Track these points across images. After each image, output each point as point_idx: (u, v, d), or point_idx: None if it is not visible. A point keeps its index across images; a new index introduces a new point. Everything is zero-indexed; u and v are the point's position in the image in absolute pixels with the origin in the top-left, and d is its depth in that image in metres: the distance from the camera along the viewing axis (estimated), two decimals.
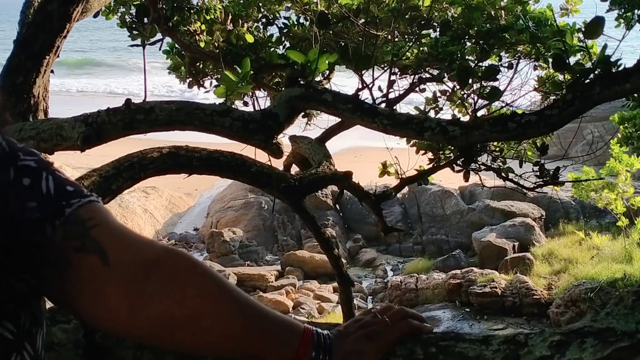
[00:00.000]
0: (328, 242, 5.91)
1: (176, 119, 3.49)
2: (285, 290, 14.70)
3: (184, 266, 1.08)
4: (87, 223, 1.04)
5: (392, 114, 3.63)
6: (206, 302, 1.06)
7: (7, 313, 0.98)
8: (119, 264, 1.03)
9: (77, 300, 1.05)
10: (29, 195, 1.02)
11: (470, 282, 13.98)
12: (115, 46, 53.17)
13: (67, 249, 1.02)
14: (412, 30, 5.84)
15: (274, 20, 6.94)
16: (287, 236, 17.70)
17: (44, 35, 4.19)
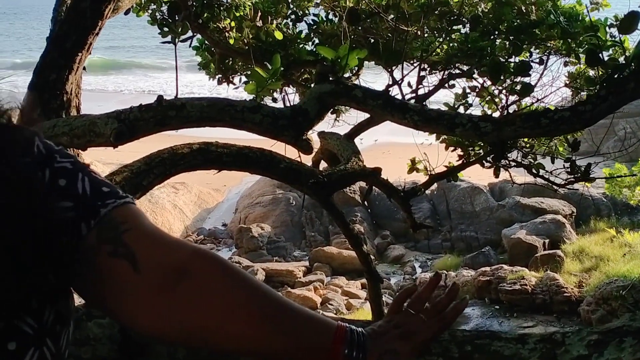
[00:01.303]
0: (357, 239, 5.91)
1: (207, 116, 3.51)
2: (313, 286, 14.71)
3: (212, 271, 1.09)
4: (120, 227, 1.06)
5: (423, 110, 3.61)
6: (235, 307, 1.07)
7: (29, 308, 0.99)
8: (149, 271, 1.05)
9: (108, 301, 1.07)
10: (64, 195, 1.05)
11: (500, 279, 13.87)
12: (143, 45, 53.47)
13: (100, 252, 1.04)
14: (441, 25, 5.80)
15: (303, 16, 6.93)
16: (315, 232, 17.71)
17: (76, 32, 4.23)
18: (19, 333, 0.98)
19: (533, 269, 14.49)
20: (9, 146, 1.02)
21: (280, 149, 4.55)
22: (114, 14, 4.75)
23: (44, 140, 1.09)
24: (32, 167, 1.04)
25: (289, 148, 4.16)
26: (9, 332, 0.97)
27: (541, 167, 5.86)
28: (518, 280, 13.67)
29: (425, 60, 5.38)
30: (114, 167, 5.18)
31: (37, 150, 1.06)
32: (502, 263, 14.94)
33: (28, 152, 1.05)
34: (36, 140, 1.08)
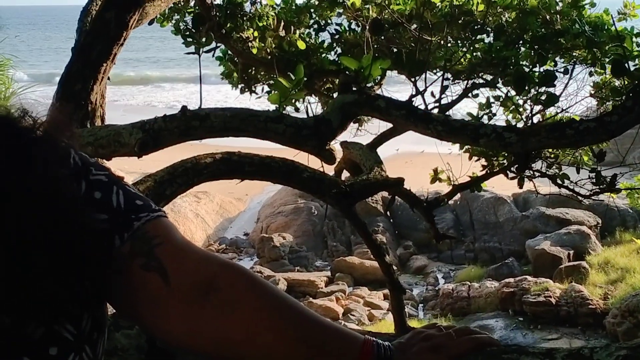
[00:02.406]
0: (379, 249, 5.89)
1: (231, 126, 3.52)
2: (335, 297, 14.67)
3: (240, 283, 1.10)
4: (152, 241, 1.08)
5: (447, 120, 3.59)
6: (263, 321, 1.08)
7: (69, 315, 1.02)
8: (179, 285, 1.07)
9: (138, 313, 1.09)
10: (99, 207, 1.07)
11: (524, 290, 13.75)
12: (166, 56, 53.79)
13: (133, 264, 1.06)
14: (465, 35, 5.79)
15: (325, 26, 6.94)
16: (337, 242, 17.68)
17: (101, 42, 4.27)
18: (60, 339, 1.00)
19: (557, 280, 14.35)
20: (46, 159, 1.04)
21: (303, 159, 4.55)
22: (138, 24, 4.78)
23: (79, 153, 1.12)
24: (69, 179, 1.06)
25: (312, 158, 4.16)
26: (50, 337, 0.99)
27: (566, 177, 5.81)
28: (542, 291, 13.54)
29: (448, 69, 5.36)
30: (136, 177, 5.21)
31: (73, 163, 1.09)
32: (526, 274, 14.80)
33: (64, 164, 1.08)
34: (72, 153, 1.10)
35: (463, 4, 5.53)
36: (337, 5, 6.51)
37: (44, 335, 0.98)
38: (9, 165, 1.00)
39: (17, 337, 0.96)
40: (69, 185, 1.05)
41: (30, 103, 1.13)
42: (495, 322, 13.37)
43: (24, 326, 0.97)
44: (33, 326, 0.97)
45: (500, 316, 13.65)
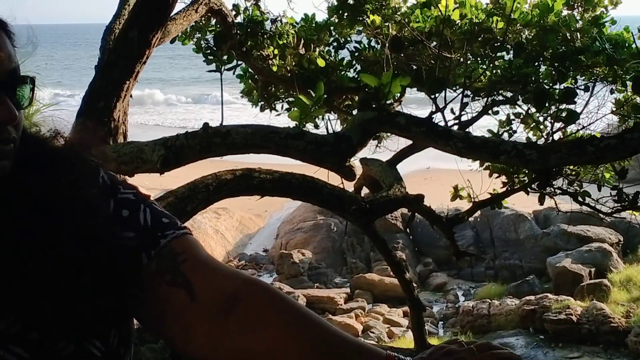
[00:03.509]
0: (399, 266, 5.88)
1: (252, 142, 3.55)
2: (355, 314, 14.61)
3: (263, 299, 1.11)
4: (178, 257, 1.11)
5: (467, 137, 3.60)
6: (286, 336, 1.09)
7: (97, 331, 1.04)
8: (204, 301, 1.09)
9: (164, 327, 1.11)
10: (127, 225, 1.11)
11: (545, 308, 13.61)
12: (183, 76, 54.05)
13: (159, 280, 1.09)
14: (485, 52, 5.80)
15: (345, 44, 6.99)
16: (357, 259, 17.62)
17: (124, 61, 4.32)
18: (88, 355, 1.03)
19: (579, 298, 14.20)
20: (76, 178, 1.07)
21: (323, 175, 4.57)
22: (160, 42, 4.84)
23: (108, 172, 1.16)
24: (99, 198, 1.09)
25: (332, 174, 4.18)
26: (79, 354, 1.02)
27: (587, 194, 5.78)
28: (563, 309, 13.40)
29: (468, 87, 5.36)
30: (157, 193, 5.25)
31: (102, 181, 1.13)
32: (546, 292, 14.66)
33: (94, 183, 1.11)
34: (101, 172, 1.14)
35: (483, 21, 5.55)
36: (357, 23, 6.55)
37: (73, 351, 1.01)
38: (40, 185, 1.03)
39: (47, 353, 0.98)
40: (98, 204, 1.08)
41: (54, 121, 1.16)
42: (516, 340, 13.24)
43: (54, 343, 0.99)
44: (63, 343, 1.00)
45: (521, 334, 13.52)
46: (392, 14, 6.31)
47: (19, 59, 1.04)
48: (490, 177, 6.09)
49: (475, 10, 5.59)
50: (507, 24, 5.27)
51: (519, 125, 6.03)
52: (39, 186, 1.03)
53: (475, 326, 14.02)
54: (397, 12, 6.36)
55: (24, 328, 0.97)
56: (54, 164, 1.07)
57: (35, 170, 1.05)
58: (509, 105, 6.08)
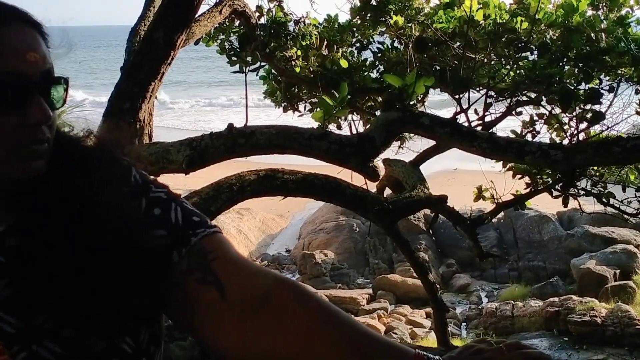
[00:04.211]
0: (422, 267, 5.87)
1: (276, 143, 3.57)
2: (377, 314, 14.59)
3: (293, 298, 1.12)
4: (209, 255, 1.12)
5: (491, 138, 3.59)
6: (316, 334, 1.09)
7: (128, 329, 1.06)
8: (235, 299, 1.10)
9: (194, 325, 1.12)
10: (159, 224, 1.12)
11: (569, 310, 13.49)
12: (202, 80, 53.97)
13: (190, 278, 1.10)
14: (509, 53, 5.77)
15: (368, 44, 6.99)
16: (379, 259, 17.59)
17: (149, 62, 4.35)
18: (120, 352, 1.05)
19: (603, 300, 14.07)
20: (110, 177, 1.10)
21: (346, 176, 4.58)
22: (185, 44, 4.88)
23: (140, 171, 1.17)
24: (131, 197, 1.11)
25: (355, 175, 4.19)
26: (111, 351, 1.03)
27: (611, 196, 5.73)
28: (588, 311, 13.28)
29: (492, 87, 5.35)
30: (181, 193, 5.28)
31: (134, 180, 1.15)
32: (571, 293, 14.54)
33: (126, 182, 1.13)
34: (133, 171, 1.16)
35: (507, 21, 5.53)
36: (380, 24, 6.55)
37: (105, 348, 1.02)
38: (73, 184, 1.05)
39: (79, 350, 1.00)
40: (130, 203, 1.10)
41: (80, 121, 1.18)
42: (540, 341, 13.14)
43: (86, 340, 1.01)
44: (94, 340, 1.01)
45: (545, 336, 13.43)
46: (415, 14, 6.31)
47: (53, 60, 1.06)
48: (513, 178, 6.06)
49: (498, 10, 5.57)
50: (532, 25, 5.25)
51: (542, 126, 6.00)
52: (73, 185, 1.05)
53: (499, 327, 13.94)
54: (420, 13, 6.36)
55: (57, 325, 0.99)
56: (86, 164, 1.09)
57: (69, 169, 1.07)
58: (533, 106, 6.05)
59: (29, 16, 1.04)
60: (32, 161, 1.01)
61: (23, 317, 0.99)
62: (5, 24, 0.99)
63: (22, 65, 0.98)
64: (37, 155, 1.02)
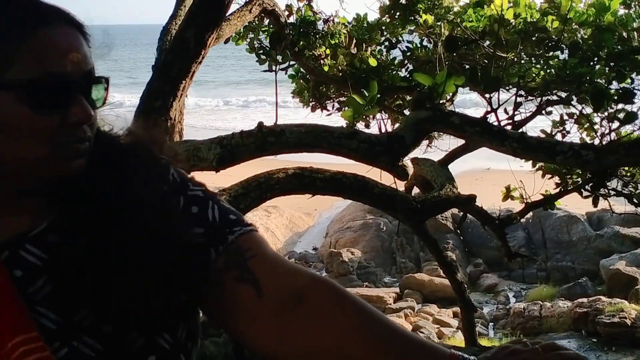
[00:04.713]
0: (450, 266, 5.87)
1: (305, 142, 3.59)
2: (404, 313, 14.55)
3: (328, 298, 1.12)
4: (245, 254, 1.13)
5: (522, 137, 3.58)
6: (352, 334, 1.09)
7: (166, 325, 1.08)
8: (271, 297, 1.11)
9: (230, 322, 1.14)
10: (196, 222, 1.13)
11: (598, 311, 13.35)
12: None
13: (227, 276, 1.11)
14: (539, 52, 5.74)
15: (397, 43, 6.99)
16: (406, 258, 17.56)
17: (181, 61, 4.39)
18: (158, 348, 1.06)
19: (633, 301, 13.90)
20: (149, 175, 1.11)
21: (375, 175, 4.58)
22: (215, 43, 4.91)
23: (177, 169, 1.18)
24: (169, 195, 1.13)
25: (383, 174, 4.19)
26: (149, 347, 1.05)
27: None
28: (617, 312, 13.14)
29: (522, 86, 5.32)
30: None
31: (172, 179, 1.16)
32: (600, 294, 14.39)
33: (165, 180, 1.14)
34: (171, 169, 1.17)
35: (537, 20, 5.49)
36: (409, 23, 6.55)
37: (144, 344, 1.04)
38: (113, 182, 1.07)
39: (119, 346, 1.02)
40: (169, 201, 1.12)
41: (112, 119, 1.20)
42: (568, 342, 13.02)
43: (126, 336, 1.03)
44: (134, 336, 1.03)
45: (573, 337, 13.30)
46: (444, 13, 6.29)
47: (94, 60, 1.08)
48: (543, 178, 6.02)
49: (529, 9, 5.54)
50: (564, 24, 5.20)
51: (572, 126, 5.95)
52: (112, 183, 1.07)
53: (526, 328, 13.84)
54: (449, 12, 6.34)
55: (97, 321, 1.01)
56: (126, 162, 1.11)
57: (109, 167, 1.09)
58: (563, 106, 6.00)
59: (71, 16, 1.06)
60: (74, 160, 1.03)
61: (64, 313, 1.00)
62: (47, 25, 1.00)
63: (64, 66, 1.00)
64: (79, 154, 1.04)
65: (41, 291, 1.01)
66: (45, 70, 0.98)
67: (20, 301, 0.98)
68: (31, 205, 1.07)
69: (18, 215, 1.06)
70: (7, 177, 1.03)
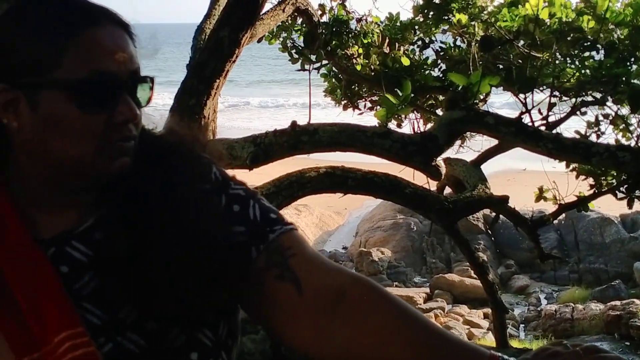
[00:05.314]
0: (482, 267, 5.84)
1: (338, 141, 3.60)
2: (434, 314, 14.50)
3: (369, 297, 1.12)
4: (286, 252, 1.14)
5: (557, 138, 3.56)
6: (392, 333, 1.09)
7: (208, 322, 1.10)
8: (311, 296, 1.11)
9: (269, 320, 1.15)
10: (238, 220, 1.14)
11: (631, 314, 13.18)
12: None
13: (268, 274, 1.12)
14: (574, 52, 5.68)
15: (429, 43, 6.96)
16: (436, 259, 17.48)
17: (215, 60, 4.42)
18: (200, 345, 1.08)
19: None
20: (192, 174, 1.13)
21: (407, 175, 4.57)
22: (249, 42, 4.94)
23: (219, 168, 1.19)
24: (211, 194, 1.14)
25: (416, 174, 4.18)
26: (191, 343, 1.07)
27: None
28: None
29: (557, 87, 5.27)
30: None
31: (214, 178, 1.17)
32: (633, 297, 14.21)
33: (207, 179, 1.16)
34: (213, 168, 1.18)
35: (573, 20, 5.44)
36: (443, 22, 6.52)
37: (186, 341, 1.06)
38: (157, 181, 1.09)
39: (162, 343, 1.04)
40: (212, 200, 1.13)
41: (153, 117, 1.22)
42: (600, 345, 12.80)
43: (169, 332, 1.04)
44: (176, 332, 1.05)
45: (606, 340, 13.14)
46: (478, 12, 6.25)
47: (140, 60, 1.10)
48: (577, 179, 5.96)
49: (564, 9, 5.49)
50: (601, 24, 5.14)
51: (607, 127, 5.89)
52: (156, 182, 1.09)
53: (558, 330, 13.71)
54: (483, 11, 6.30)
55: (141, 317, 1.02)
56: (170, 161, 1.12)
57: (153, 166, 1.11)
58: (598, 106, 5.94)
59: (118, 16, 1.08)
60: (119, 158, 1.05)
61: (108, 309, 1.02)
62: (95, 25, 1.02)
63: (111, 65, 1.02)
64: (124, 153, 1.06)
65: (87, 287, 1.03)
66: (93, 70, 1.00)
67: (67, 297, 1.00)
68: (77, 203, 1.09)
69: (64, 212, 1.09)
70: (54, 175, 1.06)
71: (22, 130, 1.02)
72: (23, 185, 1.08)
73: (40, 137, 1.02)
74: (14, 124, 1.02)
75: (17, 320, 0.99)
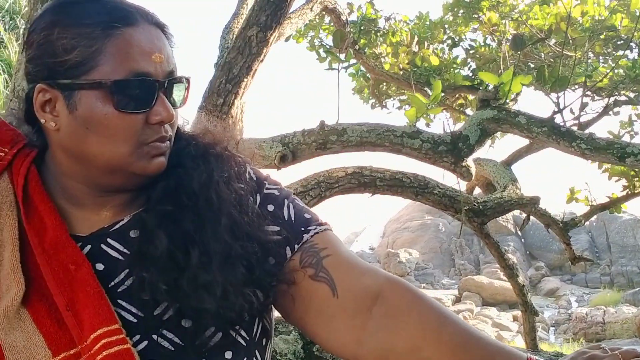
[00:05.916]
0: (512, 269, 5.74)
1: (367, 140, 3.55)
2: (463, 316, 14.41)
3: (405, 299, 1.11)
4: (321, 252, 1.13)
5: (591, 138, 3.48)
6: (427, 335, 1.08)
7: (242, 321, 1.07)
8: (346, 296, 1.10)
9: (304, 320, 1.13)
10: (272, 220, 1.13)
11: None
12: None
13: (302, 274, 1.11)
14: (607, 50, 5.59)
15: (459, 41, 6.90)
16: (465, 260, 17.39)
17: (243, 59, 4.40)
18: (234, 344, 1.06)
19: None
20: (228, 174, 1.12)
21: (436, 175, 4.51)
22: (277, 41, 4.92)
23: (254, 168, 1.19)
24: (247, 193, 1.13)
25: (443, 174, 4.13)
26: (226, 342, 1.05)
27: None
28: None
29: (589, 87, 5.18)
30: None
31: (249, 177, 1.16)
32: None
33: (242, 179, 1.15)
34: (247, 168, 1.17)
35: (606, 18, 5.35)
36: (473, 21, 6.46)
37: (221, 340, 1.04)
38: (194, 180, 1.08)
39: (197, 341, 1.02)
40: (247, 200, 1.12)
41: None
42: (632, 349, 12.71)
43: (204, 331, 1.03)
44: (212, 331, 1.03)
45: (638, 343, 12.96)
46: (509, 11, 6.19)
47: None
48: (609, 180, 5.86)
49: (597, 7, 5.40)
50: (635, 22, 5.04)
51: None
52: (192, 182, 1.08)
53: (589, 333, 13.57)
54: (514, 10, 6.23)
55: (177, 315, 1.01)
56: (205, 161, 1.12)
57: (189, 166, 1.10)
58: (631, 106, 5.85)
59: (155, 17, 1.08)
60: (155, 158, 1.05)
61: (144, 306, 1.02)
62: (132, 25, 1.02)
63: (147, 66, 1.02)
64: (160, 152, 1.06)
65: (122, 284, 1.03)
66: (130, 71, 1.00)
67: (103, 294, 1.00)
68: (113, 201, 1.10)
69: (100, 210, 1.09)
70: (91, 174, 1.06)
71: (59, 129, 1.03)
72: (60, 183, 1.09)
73: (77, 136, 1.02)
74: (52, 124, 1.03)
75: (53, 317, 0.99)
